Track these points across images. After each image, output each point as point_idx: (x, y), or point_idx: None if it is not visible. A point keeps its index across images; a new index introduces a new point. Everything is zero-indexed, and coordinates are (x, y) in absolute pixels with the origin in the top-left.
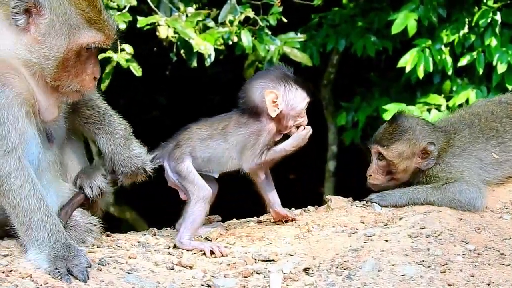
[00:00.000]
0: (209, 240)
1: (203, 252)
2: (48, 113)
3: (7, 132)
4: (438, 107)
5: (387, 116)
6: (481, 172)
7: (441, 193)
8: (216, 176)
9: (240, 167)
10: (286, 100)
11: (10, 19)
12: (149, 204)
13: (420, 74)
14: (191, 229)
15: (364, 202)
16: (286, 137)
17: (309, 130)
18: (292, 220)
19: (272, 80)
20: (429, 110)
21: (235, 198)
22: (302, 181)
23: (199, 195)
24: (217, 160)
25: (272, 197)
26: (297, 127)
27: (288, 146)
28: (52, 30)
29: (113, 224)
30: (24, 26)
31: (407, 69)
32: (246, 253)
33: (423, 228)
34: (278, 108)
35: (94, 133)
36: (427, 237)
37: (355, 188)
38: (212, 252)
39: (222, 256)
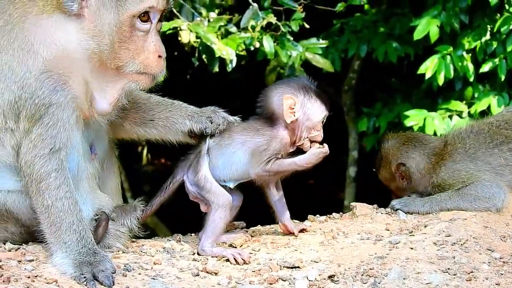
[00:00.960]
0: (234, 247)
1: (227, 258)
2: (103, 104)
3: (57, 132)
4: (459, 114)
5: (408, 122)
6: (494, 176)
7: (464, 193)
8: (232, 186)
9: (249, 174)
10: (303, 108)
11: (65, 9)
12: (169, 209)
13: (440, 81)
14: (212, 236)
15: (389, 209)
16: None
17: (326, 151)
18: (293, 234)
19: (293, 87)
20: (450, 117)
21: (260, 205)
22: (322, 186)
23: (218, 203)
24: (228, 166)
25: (282, 210)
26: (311, 142)
27: (300, 161)
28: (102, 6)
29: None
30: (78, 11)
31: (427, 76)
32: (271, 259)
33: (448, 236)
34: (294, 116)
35: (166, 119)
36: (452, 245)
37: (376, 194)
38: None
39: (244, 263)
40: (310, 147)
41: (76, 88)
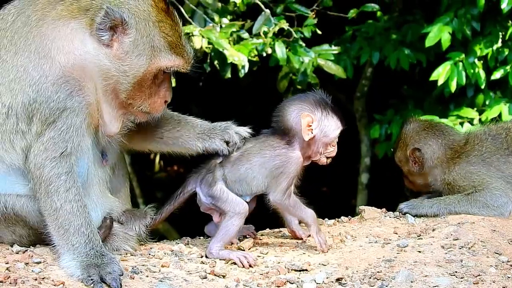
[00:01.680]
0: (242, 250)
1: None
2: (111, 127)
3: (70, 136)
4: (470, 121)
5: None
6: (505, 185)
7: (473, 199)
8: (248, 200)
9: (266, 192)
10: (321, 126)
11: (93, 31)
12: (180, 214)
13: (453, 88)
14: (222, 241)
15: (397, 213)
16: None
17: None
18: (301, 239)
19: (310, 104)
20: (461, 124)
21: (269, 208)
22: (335, 193)
23: (235, 211)
24: (243, 182)
25: (289, 216)
26: (327, 157)
27: (311, 218)
28: (135, 49)
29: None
30: (108, 42)
31: (440, 82)
32: (279, 262)
33: (456, 240)
34: (312, 133)
35: (176, 139)
36: (460, 248)
37: (388, 200)
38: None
39: (250, 266)
40: (327, 163)
41: (90, 95)
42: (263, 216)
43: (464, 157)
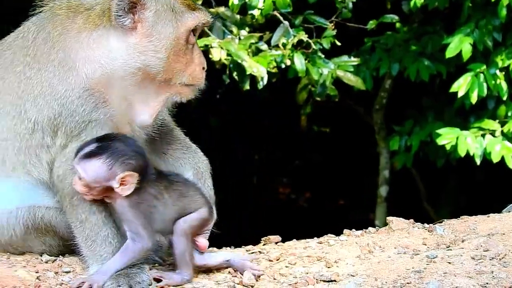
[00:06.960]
0: (270, 261)
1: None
2: (144, 117)
3: None
4: (492, 133)
5: (440, 141)
6: None
7: None
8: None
9: None
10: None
11: (113, 21)
12: None
13: (473, 99)
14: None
15: (426, 224)
16: None
17: None
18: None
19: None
20: (483, 136)
21: (297, 219)
22: (353, 206)
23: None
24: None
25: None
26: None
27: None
28: (159, 19)
29: None
30: (131, 25)
31: (460, 94)
32: (307, 273)
33: (486, 251)
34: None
35: (176, 160)
36: (490, 260)
37: (407, 213)
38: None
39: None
40: None
41: (116, 105)
42: (290, 228)
43: None
